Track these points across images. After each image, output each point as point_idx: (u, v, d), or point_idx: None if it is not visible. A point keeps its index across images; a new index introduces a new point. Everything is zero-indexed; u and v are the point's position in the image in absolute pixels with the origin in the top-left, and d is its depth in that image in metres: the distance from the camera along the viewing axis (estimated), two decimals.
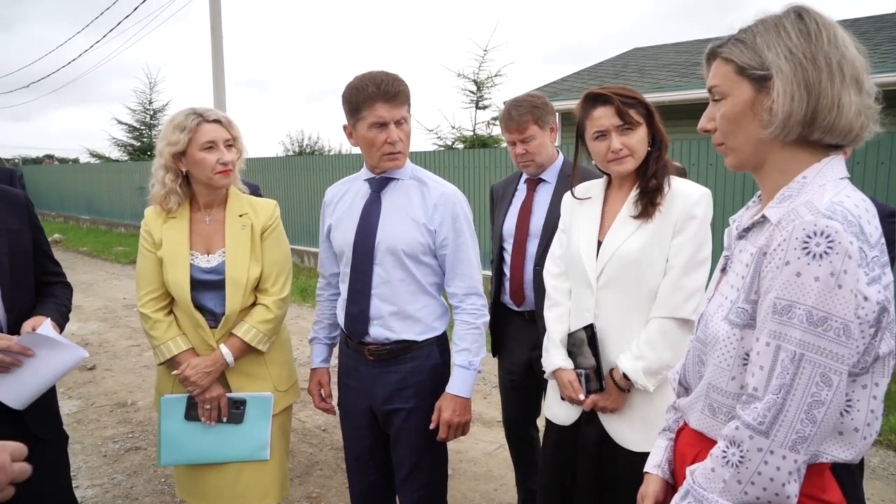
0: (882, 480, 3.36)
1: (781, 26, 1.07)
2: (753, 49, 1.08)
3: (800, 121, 1.04)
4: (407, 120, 1.93)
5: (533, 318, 2.51)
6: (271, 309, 2.10)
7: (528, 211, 2.53)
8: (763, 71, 1.07)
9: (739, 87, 1.11)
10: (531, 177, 2.56)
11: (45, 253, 2.00)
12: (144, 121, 19.03)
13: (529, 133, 2.42)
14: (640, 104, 1.84)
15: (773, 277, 1.01)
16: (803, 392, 0.97)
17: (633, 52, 12.78)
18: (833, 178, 1.06)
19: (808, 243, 0.96)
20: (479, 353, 2.00)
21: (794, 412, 0.97)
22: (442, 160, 8.48)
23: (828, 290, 0.95)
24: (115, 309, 7.58)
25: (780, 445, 0.98)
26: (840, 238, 0.95)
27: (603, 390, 1.84)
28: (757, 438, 0.99)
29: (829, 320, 0.95)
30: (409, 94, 1.93)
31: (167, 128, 2.05)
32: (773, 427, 0.98)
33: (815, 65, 1.03)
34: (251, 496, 2.12)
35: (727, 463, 1.02)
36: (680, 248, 1.77)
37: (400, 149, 1.93)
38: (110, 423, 4.19)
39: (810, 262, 0.96)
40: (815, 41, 1.04)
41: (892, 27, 9.30)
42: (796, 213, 1.00)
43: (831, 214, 0.97)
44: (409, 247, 1.95)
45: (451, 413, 1.95)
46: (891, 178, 4.99)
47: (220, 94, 10.91)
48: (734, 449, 1.02)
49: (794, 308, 0.97)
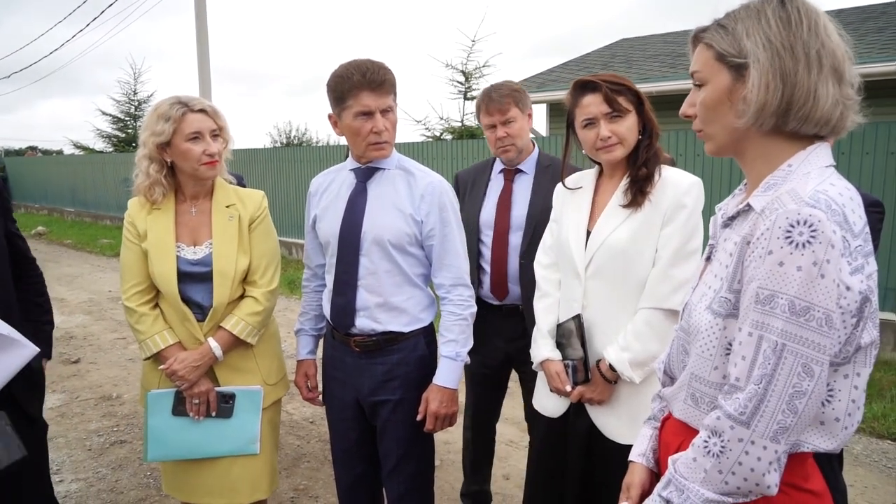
0: (865, 467, 3.40)
1: (763, 13, 1.05)
2: (733, 36, 1.07)
3: (773, 111, 1.03)
4: (393, 109, 1.90)
5: (512, 313, 2.48)
6: (260, 301, 2.07)
7: (507, 202, 2.47)
8: (741, 59, 1.06)
9: (718, 74, 1.10)
10: (509, 165, 2.50)
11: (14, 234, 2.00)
12: (129, 112, 18.79)
13: (511, 115, 2.38)
14: (630, 91, 1.81)
15: (755, 266, 1.00)
16: (785, 382, 0.97)
17: (621, 42, 12.77)
18: (818, 165, 1.05)
19: (790, 232, 0.96)
20: (467, 344, 1.99)
21: (776, 403, 0.97)
22: (430, 151, 8.44)
23: (810, 279, 0.94)
24: (99, 302, 7.50)
25: (760, 436, 0.98)
26: (823, 227, 0.94)
27: (589, 382, 1.83)
28: (738, 429, 0.99)
29: (812, 310, 0.95)
30: (396, 82, 1.90)
31: (151, 117, 2.00)
32: (754, 417, 0.98)
33: (792, 54, 1.02)
34: (241, 490, 2.09)
35: (708, 453, 1.02)
36: (669, 239, 1.75)
37: (386, 138, 1.90)
38: (95, 417, 4.15)
39: (793, 251, 0.95)
40: (794, 29, 1.03)
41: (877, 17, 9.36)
42: (780, 202, 0.99)
43: (814, 203, 0.96)
44: (395, 237, 1.93)
45: (438, 404, 1.94)
46: (875, 168, 5.03)
47: (205, 84, 10.79)
48: (715, 439, 1.02)
49: (776, 298, 0.97)
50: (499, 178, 2.55)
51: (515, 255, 2.44)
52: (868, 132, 5.01)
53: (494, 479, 3.22)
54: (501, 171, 2.54)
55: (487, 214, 2.50)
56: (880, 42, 7.82)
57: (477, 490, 2.84)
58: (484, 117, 2.43)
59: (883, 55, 7.04)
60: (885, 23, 8.88)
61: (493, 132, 2.42)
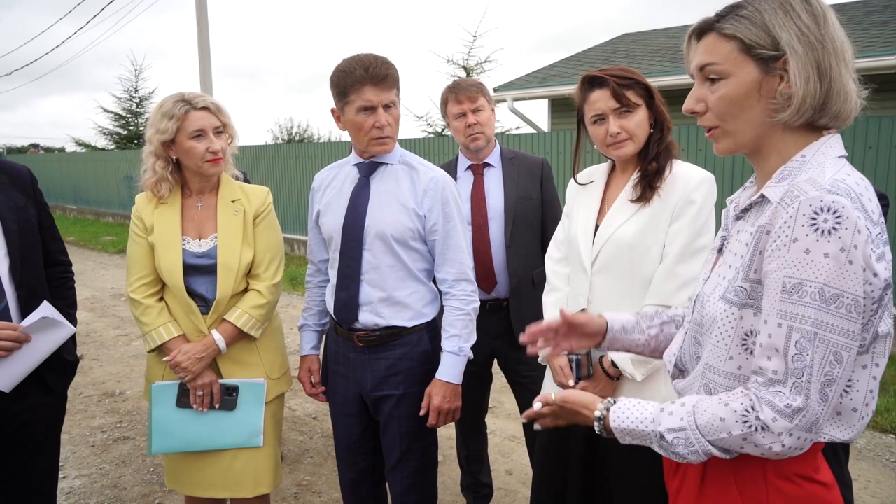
0: (868, 461, 3.40)
1: (790, 6, 1.02)
2: (763, 27, 1.02)
3: (812, 105, 1.01)
4: (396, 104, 1.90)
5: (496, 308, 2.49)
6: (264, 294, 2.08)
7: (481, 194, 2.52)
8: (774, 51, 1.02)
9: (744, 66, 1.04)
10: (476, 158, 2.56)
11: (48, 230, 2.03)
12: (130, 108, 18.85)
13: (480, 104, 2.47)
14: (639, 85, 1.77)
15: (779, 256, 0.98)
16: (818, 371, 0.96)
17: (623, 37, 12.72)
18: (832, 156, 1.04)
19: (815, 219, 0.94)
20: (470, 339, 1.99)
21: (816, 395, 0.96)
22: (432, 147, 8.43)
23: (839, 266, 0.93)
24: (102, 299, 7.52)
25: (800, 428, 0.97)
26: (848, 213, 0.93)
27: (592, 377, 1.82)
28: (781, 421, 0.97)
29: (842, 297, 0.94)
30: (398, 77, 1.90)
31: (156, 114, 2.03)
32: (798, 413, 0.96)
33: (824, 48, 1.00)
34: (245, 484, 2.10)
35: (745, 423, 0.99)
36: (676, 235, 1.72)
37: (388, 133, 1.90)
38: (98, 413, 4.16)
39: (819, 238, 0.93)
40: (822, 23, 1.01)
41: (880, 11, 9.32)
42: (800, 190, 0.98)
43: (836, 190, 0.95)
44: (398, 232, 1.93)
45: (442, 399, 1.94)
46: (878, 162, 5.02)
47: (206, 81, 10.77)
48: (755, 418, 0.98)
49: (804, 286, 0.95)
50: (466, 174, 2.58)
51: (498, 245, 2.49)
52: (871, 126, 5.00)
53: (497, 475, 3.22)
54: (469, 167, 2.59)
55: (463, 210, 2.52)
56: (883, 36, 7.79)
57: (473, 482, 2.86)
58: (453, 106, 2.49)
59: (886, 49, 7.00)
60: (888, 16, 8.84)
61: (462, 120, 2.48)
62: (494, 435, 3.74)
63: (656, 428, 1.08)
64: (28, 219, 1.89)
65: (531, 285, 2.50)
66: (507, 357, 2.59)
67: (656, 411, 1.10)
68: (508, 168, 2.55)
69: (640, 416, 1.11)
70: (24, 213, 1.88)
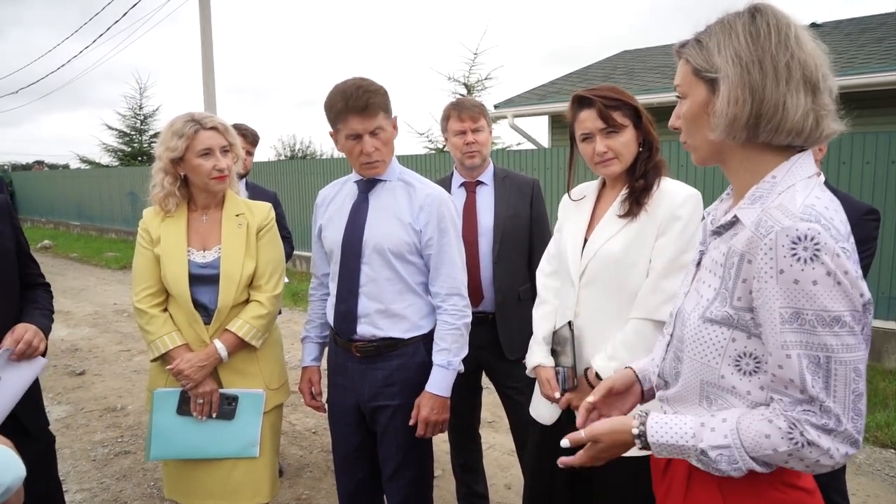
0: (867, 476, 3.39)
1: (733, 28, 1.07)
2: (707, 51, 1.09)
3: (743, 124, 1.05)
4: (383, 128, 1.96)
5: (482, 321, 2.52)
6: (265, 305, 2.14)
7: (472, 211, 2.59)
8: (713, 74, 1.08)
9: (696, 88, 1.12)
10: (470, 175, 2.63)
11: (26, 254, 2.05)
12: (135, 126, 18.97)
13: (480, 124, 2.56)
14: (626, 106, 1.81)
15: (769, 288, 1.00)
16: (845, 390, 0.98)
17: (622, 54, 12.84)
18: (802, 176, 1.06)
19: (795, 249, 0.97)
20: (459, 353, 2.03)
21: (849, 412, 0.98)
22: (433, 163, 8.50)
23: (828, 289, 0.96)
24: (105, 314, 7.54)
25: (844, 443, 0.99)
26: (824, 239, 0.96)
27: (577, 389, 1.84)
28: (825, 437, 0.99)
29: (842, 317, 0.96)
30: (383, 101, 1.95)
31: (167, 133, 2.11)
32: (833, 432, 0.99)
33: (760, 68, 1.04)
34: (243, 493, 2.13)
35: (791, 440, 1.00)
36: (662, 250, 1.75)
37: (376, 157, 1.98)
38: (99, 428, 4.18)
39: (804, 267, 0.96)
40: (762, 43, 1.04)
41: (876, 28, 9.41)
42: (774, 220, 1.00)
43: (809, 217, 0.98)
44: (395, 246, 1.97)
45: (429, 411, 1.97)
46: (877, 177, 5.05)
47: (210, 98, 10.90)
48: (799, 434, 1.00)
49: (802, 314, 0.98)
50: (460, 191, 2.66)
51: (487, 261, 2.56)
52: (868, 142, 5.04)
53: (496, 489, 3.23)
54: (462, 184, 2.66)
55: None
56: (879, 52, 7.86)
57: (468, 492, 2.88)
58: (454, 123, 2.57)
59: (882, 65, 7.07)
60: (883, 33, 8.93)
61: (461, 137, 2.56)
62: (494, 449, 3.74)
63: (697, 444, 1.08)
64: (5, 246, 1.90)
65: (517, 301, 2.58)
66: (494, 369, 2.65)
67: (696, 426, 1.10)
68: (500, 187, 2.63)
69: (680, 430, 1.11)
70: (1, 240, 1.89)
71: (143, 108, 18.84)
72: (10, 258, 1.93)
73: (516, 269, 2.59)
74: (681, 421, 1.12)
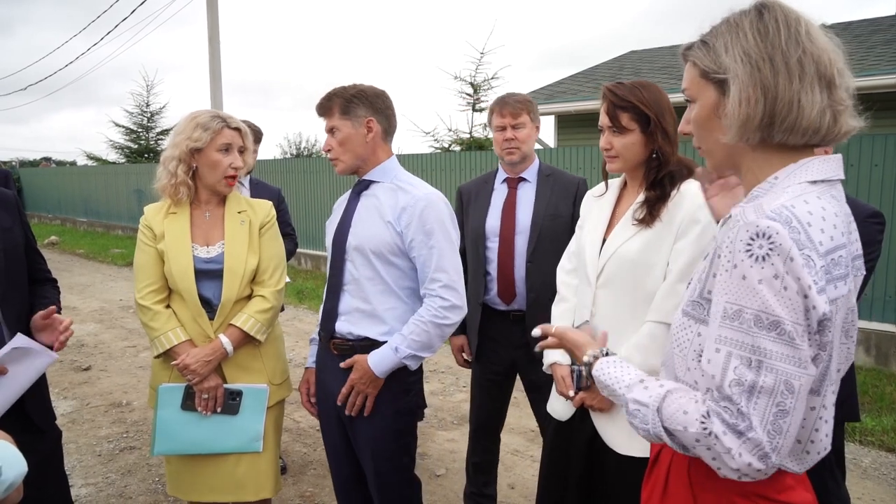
0: (873, 480, 3.38)
1: (740, 27, 1.03)
2: (714, 52, 1.06)
3: (757, 125, 1.01)
4: (339, 128, 2.01)
5: (519, 319, 2.53)
6: (268, 299, 2.16)
7: (512, 208, 2.57)
8: (722, 75, 1.04)
9: (705, 90, 1.09)
10: (511, 171, 2.61)
11: (34, 249, 2.06)
12: (142, 123, 19.03)
13: (521, 121, 2.52)
14: (636, 110, 1.77)
15: (722, 281, 0.99)
16: (768, 402, 0.92)
17: (629, 54, 12.82)
18: (802, 180, 1.02)
19: (751, 245, 0.94)
20: (417, 349, 1.93)
21: (765, 424, 0.93)
22: (438, 162, 8.50)
23: (773, 292, 0.92)
24: (111, 310, 7.58)
25: (749, 451, 0.93)
26: (781, 240, 0.92)
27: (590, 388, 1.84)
28: (730, 436, 0.94)
29: (782, 324, 0.92)
30: (342, 103, 2.01)
31: (188, 123, 2.13)
32: (743, 437, 0.93)
33: (771, 65, 0.99)
34: (247, 488, 2.14)
35: (703, 426, 0.96)
36: (680, 253, 1.73)
37: (333, 155, 2.06)
38: (105, 423, 4.20)
39: (753, 264, 0.94)
40: (772, 39, 1.00)
41: (886, 29, 9.36)
42: (742, 215, 0.98)
43: (774, 217, 0.94)
44: (375, 245, 1.98)
45: (358, 377, 1.94)
46: (885, 179, 5.03)
47: (216, 96, 10.92)
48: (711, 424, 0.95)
49: (743, 313, 0.95)
50: (502, 187, 2.65)
51: (521, 259, 2.53)
52: (877, 144, 5.01)
53: (500, 488, 3.22)
54: (505, 180, 2.65)
55: (493, 221, 2.60)
56: (889, 54, 7.82)
57: (475, 492, 2.86)
58: (496, 118, 2.56)
59: (891, 67, 7.03)
60: (893, 35, 8.88)
61: (502, 133, 2.54)
62: None
63: (626, 394, 1.10)
64: (13, 239, 1.91)
65: (550, 301, 2.50)
66: (525, 369, 2.62)
67: (635, 380, 1.11)
68: (542, 185, 2.59)
69: (620, 376, 1.13)
70: (10, 234, 1.90)
71: (150, 105, 18.92)
72: (19, 253, 1.94)
73: (551, 269, 2.46)
74: (627, 371, 1.14)
